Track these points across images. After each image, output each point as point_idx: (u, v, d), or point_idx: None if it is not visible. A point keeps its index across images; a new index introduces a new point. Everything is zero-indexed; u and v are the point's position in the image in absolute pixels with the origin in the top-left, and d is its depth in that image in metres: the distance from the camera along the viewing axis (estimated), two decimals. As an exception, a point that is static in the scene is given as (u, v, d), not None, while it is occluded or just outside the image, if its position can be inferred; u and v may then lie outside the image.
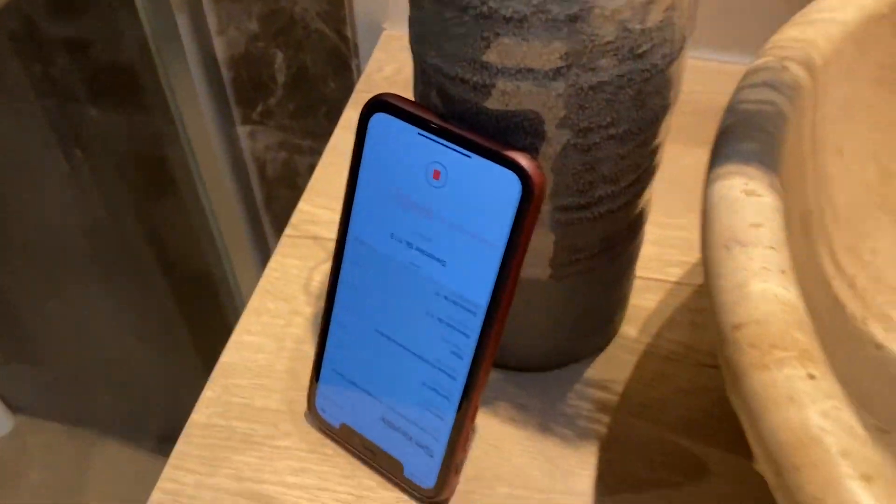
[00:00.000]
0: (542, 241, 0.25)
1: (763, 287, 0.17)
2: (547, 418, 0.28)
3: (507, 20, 0.19)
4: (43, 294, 0.72)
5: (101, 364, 0.77)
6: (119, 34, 0.47)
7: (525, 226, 0.21)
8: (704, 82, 0.39)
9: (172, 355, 0.72)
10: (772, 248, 0.18)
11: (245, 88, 0.51)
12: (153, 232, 0.61)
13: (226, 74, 0.50)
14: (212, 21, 0.47)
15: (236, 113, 0.52)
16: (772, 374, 0.16)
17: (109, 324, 0.70)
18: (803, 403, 0.16)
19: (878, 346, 0.26)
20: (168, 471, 0.27)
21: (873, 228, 0.27)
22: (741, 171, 0.19)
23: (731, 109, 0.21)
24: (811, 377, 0.16)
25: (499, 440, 0.28)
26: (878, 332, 0.26)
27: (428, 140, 0.22)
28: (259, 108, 0.52)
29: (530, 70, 0.20)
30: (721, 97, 0.23)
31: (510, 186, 0.21)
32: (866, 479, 0.15)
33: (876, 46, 0.25)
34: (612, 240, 0.26)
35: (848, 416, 0.16)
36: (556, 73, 0.20)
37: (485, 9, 0.20)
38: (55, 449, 0.89)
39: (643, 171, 0.24)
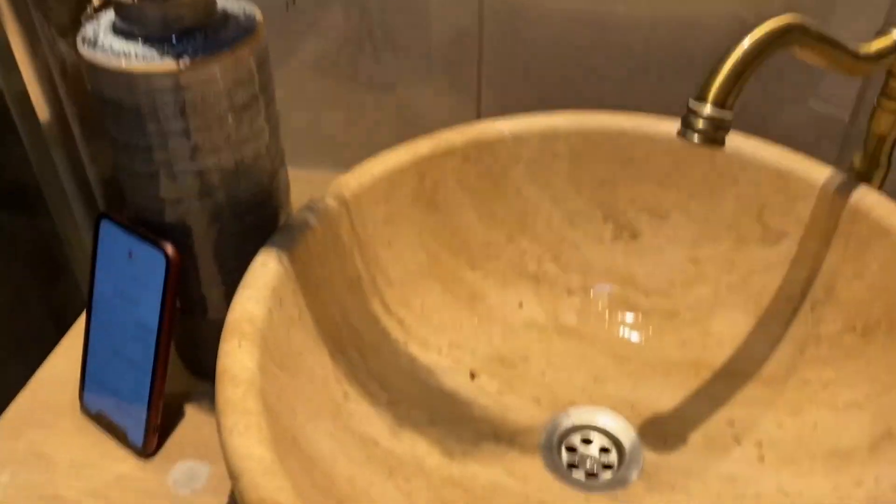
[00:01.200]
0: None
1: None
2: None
3: (149, 176, 0.38)
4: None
5: None
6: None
7: (170, 283, 0.39)
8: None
9: None
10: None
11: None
12: (48, 308, 0.78)
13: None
14: (84, 154, 0.66)
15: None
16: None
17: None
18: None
19: (412, 359, 0.43)
20: (-13, 441, 0.44)
21: (424, 290, 0.45)
22: (266, 254, 0.37)
23: (283, 223, 0.39)
24: None
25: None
26: (414, 350, 0.44)
27: (125, 235, 0.40)
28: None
29: (181, 200, 0.38)
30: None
31: (160, 261, 0.39)
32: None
33: (404, 185, 0.44)
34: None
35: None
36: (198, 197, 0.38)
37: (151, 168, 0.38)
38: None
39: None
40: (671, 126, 0.45)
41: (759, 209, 0.44)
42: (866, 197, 0.40)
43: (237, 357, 0.32)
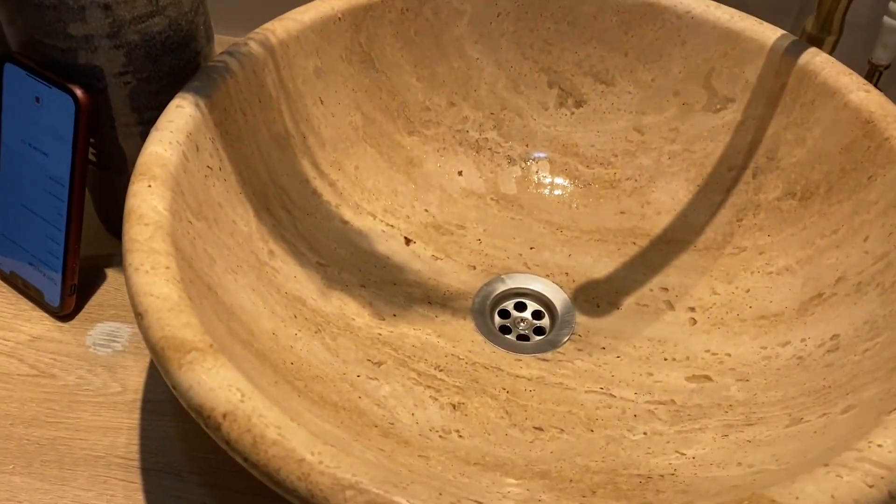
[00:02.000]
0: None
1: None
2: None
3: (53, 9, 0.34)
4: None
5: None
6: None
7: (80, 129, 0.36)
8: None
9: None
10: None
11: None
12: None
13: None
14: None
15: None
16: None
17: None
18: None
19: (344, 222, 0.42)
20: None
21: (358, 153, 0.43)
22: (182, 97, 0.34)
23: (202, 67, 0.37)
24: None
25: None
26: (347, 214, 0.42)
27: (31, 79, 0.37)
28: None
29: (89, 38, 0.35)
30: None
31: (70, 105, 0.36)
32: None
33: (338, 37, 0.41)
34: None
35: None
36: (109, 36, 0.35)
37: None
38: None
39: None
40: (621, -15, 0.43)
41: (706, 74, 0.42)
42: (815, 58, 0.39)
43: (145, 198, 0.30)
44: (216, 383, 0.24)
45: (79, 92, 0.36)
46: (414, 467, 0.31)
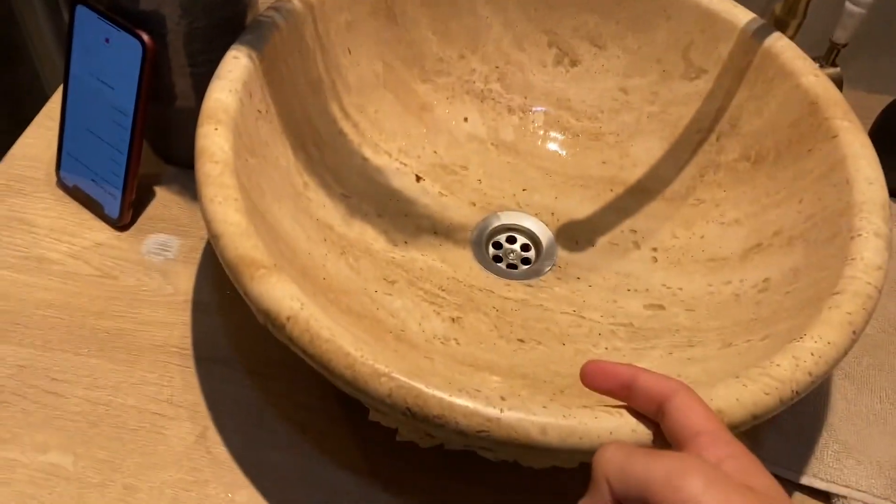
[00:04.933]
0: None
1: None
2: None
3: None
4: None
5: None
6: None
7: (146, 70, 0.42)
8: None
9: None
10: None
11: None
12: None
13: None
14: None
15: None
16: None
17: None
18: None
19: (365, 159, 0.48)
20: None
21: (378, 98, 0.49)
22: (237, 49, 0.40)
23: (252, 21, 0.42)
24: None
25: (170, 204, 0.49)
26: (367, 152, 0.48)
27: (102, 21, 0.42)
28: None
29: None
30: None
31: (137, 49, 0.42)
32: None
33: (367, -5, 0.47)
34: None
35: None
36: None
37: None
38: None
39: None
40: (619, -40, 0.48)
41: (685, 46, 0.49)
42: (778, 42, 0.45)
43: (214, 139, 0.36)
44: (280, 293, 0.32)
45: (146, 37, 0.41)
46: (422, 366, 0.39)
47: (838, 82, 0.54)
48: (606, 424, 0.30)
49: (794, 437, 0.42)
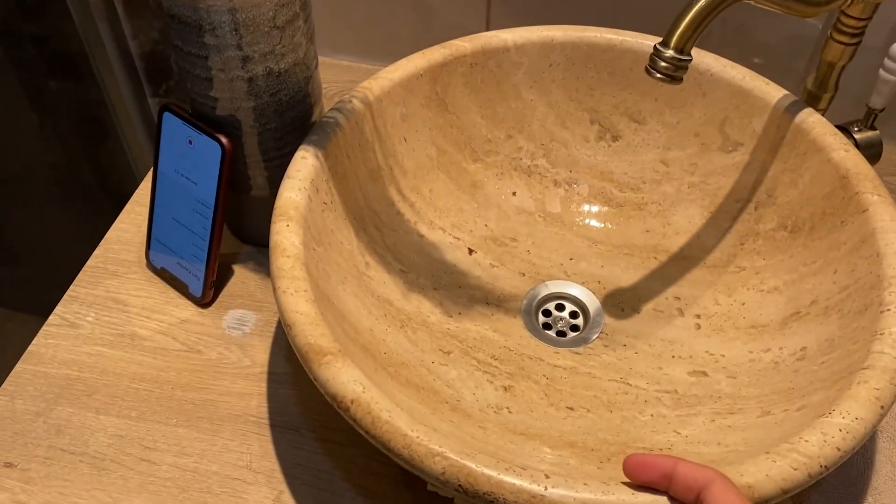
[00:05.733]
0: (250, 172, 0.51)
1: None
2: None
3: (207, 80, 0.45)
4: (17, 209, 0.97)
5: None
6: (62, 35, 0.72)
7: (225, 168, 0.47)
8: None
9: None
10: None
11: (153, 73, 0.76)
12: (95, 166, 0.86)
13: (139, 64, 0.75)
14: (127, 29, 0.72)
15: (148, 89, 0.77)
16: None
17: (66, 233, 0.96)
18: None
19: (421, 235, 0.52)
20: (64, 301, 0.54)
21: (432, 179, 0.53)
22: (305, 149, 0.45)
23: (317, 121, 0.47)
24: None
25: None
26: (423, 229, 0.52)
27: (185, 126, 0.48)
28: (163, 87, 0.77)
29: (233, 100, 0.46)
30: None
31: (217, 150, 0.47)
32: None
33: (419, 89, 0.51)
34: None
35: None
36: (247, 99, 0.46)
37: (202, 73, 0.45)
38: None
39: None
40: (654, 43, 0.51)
41: (721, 121, 0.51)
42: (809, 118, 0.47)
43: (286, 235, 0.41)
44: (345, 378, 0.36)
45: (224, 140, 0.47)
46: (475, 435, 0.42)
47: (878, 144, 0.55)
48: (643, 500, 0.32)
49: (839, 501, 0.43)
